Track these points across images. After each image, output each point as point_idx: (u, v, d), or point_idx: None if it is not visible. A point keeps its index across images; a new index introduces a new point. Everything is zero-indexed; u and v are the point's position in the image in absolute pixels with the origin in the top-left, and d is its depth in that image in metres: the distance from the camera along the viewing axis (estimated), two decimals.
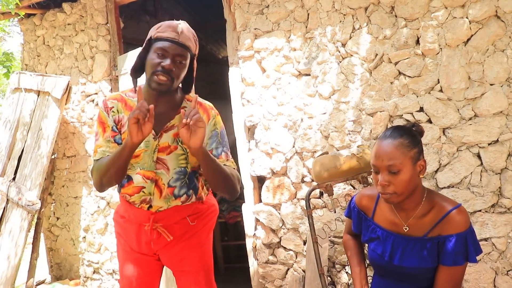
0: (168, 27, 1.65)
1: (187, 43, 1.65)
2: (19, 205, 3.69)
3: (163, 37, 1.63)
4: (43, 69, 4.25)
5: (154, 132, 1.71)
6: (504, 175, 2.33)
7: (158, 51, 1.62)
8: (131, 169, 1.74)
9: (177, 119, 1.73)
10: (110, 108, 1.76)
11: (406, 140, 1.49)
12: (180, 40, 1.63)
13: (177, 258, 1.84)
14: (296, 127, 2.93)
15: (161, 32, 1.64)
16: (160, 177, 1.74)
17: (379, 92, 2.62)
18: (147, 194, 1.75)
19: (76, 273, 4.23)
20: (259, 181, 3.20)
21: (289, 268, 3.06)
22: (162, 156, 1.73)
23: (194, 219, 1.84)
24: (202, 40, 6.22)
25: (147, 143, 1.71)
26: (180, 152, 1.75)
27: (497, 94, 2.30)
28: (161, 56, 1.62)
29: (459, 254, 1.47)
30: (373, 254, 1.66)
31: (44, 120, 3.84)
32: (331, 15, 2.75)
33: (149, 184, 1.74)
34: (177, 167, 1.75)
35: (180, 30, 1.64)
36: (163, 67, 1.60)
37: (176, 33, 1.63)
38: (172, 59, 1.62)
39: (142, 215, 1.78)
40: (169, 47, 1.62)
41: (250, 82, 3.09)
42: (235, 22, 3.15)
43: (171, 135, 1.73)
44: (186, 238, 1.83)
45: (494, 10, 2.27)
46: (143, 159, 1.73)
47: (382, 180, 1.49)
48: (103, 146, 1.74)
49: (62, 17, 4.04)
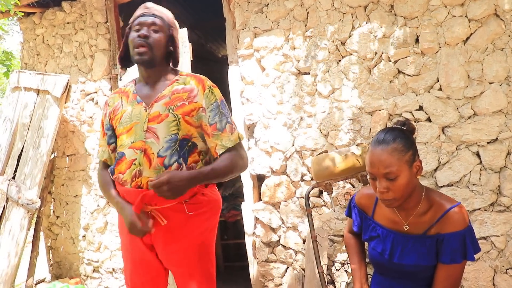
0: (140, 8, 1.84)
1: (157, 12, 1.81)
2: (18, 204, 3.69)
3: (136, 16, 1.81)
4: (42, 67, 4.25)
5: (145, 104, 1.77)
6: (503, 173, 2.33)
7: (135, 27, 1.78)
8: (123, 145, 1.78)
9: (168, 89, 1.79)
10: (108, 104, 1.91)
11: (399, 145, 1.48)
12: (151, 11, 1.81)
13: (175, 257, 1.76)
14: (296, 126, 2.93)
15: (135, 15, 1.82)
16: (149, 146, 1.71)
17: (378, 90, 2.62)
18: (138, 166, 1.71)
19: (76, 272, 4.23)
20: (258, 179, 3.21)
21: (288, 266, 3.06)
22: (152, 125, 1.73)
23: (191, 209, 1.73)
24: (201, 38, 6.23)
25: (138, 116, 1.76)
26: (171, 119, 1.72)
27: (496, 92, 2.30)
28: (137, 30, 1.76)
29: (458, 252, 1.48)
30: (373, 252, 1.67)
31: (43, 119, 3.84)
32: (330, 14, 2.75)
33: (138, 154, 1.72)
34: (168, 135, 1.72)
35: (150, 5, 1.83)
36: (139, 36, 1.74)
37: (146, 8, 1.82)
38: (147, 28, 1.76)
39: (134, 195, 1.70)
40: (141, 19, 1.78)
41: (250, 80, 3.09)
42: (234, 20, 3.15)
43: (161, 104, 1.75)
44: (184, 234, 1.74)
45: (493, 8, 2.27)
46: (134, 132, 1.75)
47: (381, 187, 1.49)
48: (102, 146, 1.93)
49: (61, 16, 4.04)
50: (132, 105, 1.80)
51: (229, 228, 4.65)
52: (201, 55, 5.92)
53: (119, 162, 1.78)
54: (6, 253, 3.65)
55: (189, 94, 1.77)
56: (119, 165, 1.78)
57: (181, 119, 1.73)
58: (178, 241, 1.75)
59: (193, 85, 1.79)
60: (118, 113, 1.83)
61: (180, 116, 1.73)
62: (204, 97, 1.77)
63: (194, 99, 1.76)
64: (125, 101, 1.84)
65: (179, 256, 1.76)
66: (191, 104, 1.75)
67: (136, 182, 1.72)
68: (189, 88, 1.78)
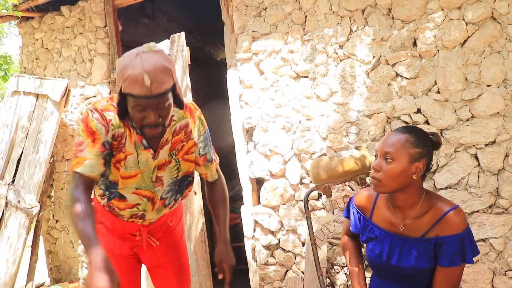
0: (135, 82, 1.40)
1: (161, 89, 1.44)
2: (18, 208, 3.69)
3: (134, 94, 1.43)
4: (41, 72, 4.25)
5: (153, 152, 1.65)
6: (501, 175, 2.34)
7: (137, 108, 1.47)
8: (125, 189, 1.67)
9: (168, 132, 1.66)
10: (109, 122, 1.58)
11: (412, 138, 1.51)
12: (154, 92, 1.42)
13: (157, 256, 1.89)
14: (294, 129, 2.94)
15: (129, 89, 1.43)
16: (156, 194, 1.74)
17: (376, 93, 2.63)
18: (141, 210, 1.74)
19: (76, 276, 4.23)
20: (257, 183, 3.21)
21: (288, 269, 3.06)
22: (160, 174, 1.71)
23: (172, 220, 1.92)
24: (200, 42, 6.24)
25: (145, 164, 1.65)
26: (173, 164, 1.72)
27: (494, 95, 2.31)
28: (142, 111, 1.47)
29: (456, 255, 1.48)
30: (371, 254, 1.67)
31: (43, 123, 3.84)
32: (328, 17, 2.76)
33: (145, 201, 1.73)
34: (170, 179, 1.75)
35: (148, 83, 1.40)
36: (148, 123, 1.50)
37: (146, 87, 1.40)
38: (154, 112, 1.48)
39: (131, 227, 1.80)
40: (146, 103, 1.45)
41: (248, 84, 3.10)
42: (233, 24, 3.16)
43: (166, 151, 1.68)
44: (166, 236, 1.90)
45: (490, 11, 2.29)
46: (140, 180, 1.67)
47: (375, 163, 1.54)
48: (92, 159, 1.54)
49: (60, 20, 4.05)
50: (138, 149, 1.64)
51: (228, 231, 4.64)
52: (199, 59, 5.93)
53: (117, 200, 1.71)
54: (5, 258, 3.64)
55: (186, 131, 1.72)
56: (116, 201, 1.72)
57: (180, 161, 1.74)
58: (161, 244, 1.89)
59: (187, 120, 1.71)
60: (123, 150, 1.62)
61: (180, 159, 1.74)
62: (195, 129, 1.74)
63: (190, 136, 1.73)
64: (127, 138, 1.63)
65: (161, 254, 1.90)
66: (188, 143, 1.73)
67: (137, 220, 1.79)
68: (184, 124, 1.71)
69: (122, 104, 1.52)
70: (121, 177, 1.64)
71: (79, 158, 1.55)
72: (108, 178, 1.66)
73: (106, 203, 1.73)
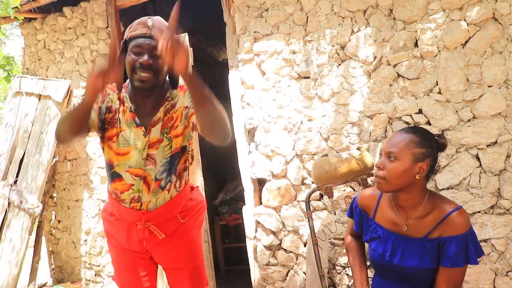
0: (139, 24, 1.63)
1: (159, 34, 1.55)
2: (20, 208, 3.70)
3: (135, 35, 1.61)
4: (44, 73, 4.27)
5: (144, 129, 1.70)
6: (502, 176, 2.34)
7: (134, 49, 1.61)
8: (120, 166, 1.73)
9: (161, 111, 1.72)
10: (107, 94, 1.75)
11: (416, 138, 1.52)
12: (153, 33, 1.60)
13: (169, 256, 1.86)
14: (296, 130, 2.95)
15: (133, 31, 1.63)
16: (148, 173, 1.74)
17: (378, 94, 2.64)
18: (136, 191, 1.74)
19: (78, 276, 4.24)
20: (259, 183, 3.22)
21: (289, 270, 3.07)
22: (151, 152, 1.72)
23: (184, 216, 1.85)
24: (202, 42, 6.24)
25: (136, 141, 1.70)
26: (166, 143, 1.74)
27: (495, 95, 2.31)
28: (138, 54, 1.60)
29: (460, 255, 1.48)
30: (374, 253, 1.67)
31: (45, 124, 3.86)
32: (330, 18, 2.77)
33: (137, 181, 1.73)
34: (163, 158, 1.74)
35: (150, 24, 1.62)
36: (141, 63, 1.59)
37: (147, 28, 1.61)
38: (149, 54, 1.60)
39: (134, 214, 1.78)
40: (143, 42, 1.60)
41: (250, 85, 3.10)
42: (234, 25, 3.17)
43: (158, 129, 1.72)
44: (177, 236, 1.85)
45: (491, 12, 2.29)
46: (132, 157, 1.71)
47: (379, 162, 1.56)
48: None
49: (62, 21, 4.06)
50: (130, 127, 1.72)
51: (230, 232, 4.65)
52: (201, 59, 5.94)
53: (115, 180, 1.76)
54: (7, 258, 3.66)
55: (175, 107, 1.76)
56: (115, 182, 1.77)
57: (172, 139, 1.75)
58: (173, 242, 1.85)
59: (178, 97, 1.77)
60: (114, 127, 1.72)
61: (172, 137, 1.75)
62: (185, 97, 1.76)
63: (177, 106, 1.76)
64: (121, 114, 1.73)
65: (174, 254, 1.86)
66: (177, 112, 1.75)
67: (135, 205, 1.77)
68: (176, 101, 1.77)
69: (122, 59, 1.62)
70: (115, 154, 1.72)
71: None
72: (105, 159, 1.77)
73: (111, 188, 1.79)
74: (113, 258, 1.94)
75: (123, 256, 1.88)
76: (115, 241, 1.88)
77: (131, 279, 1.89)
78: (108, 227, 1.91)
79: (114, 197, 1.80)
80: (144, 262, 1.89)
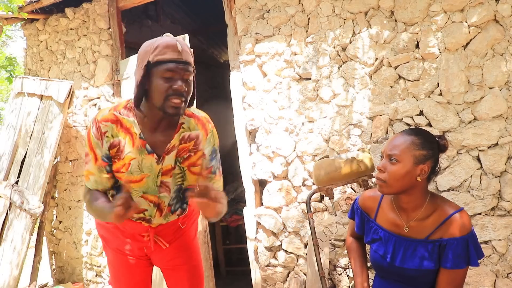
0: (167, 47, 1.51)
1: (190, 59, 1.55)
2: (22, 208, 3.71)
3: (165, 59, 1.50)
4: (46, 73, 4.28)
5: (157, 156, 1.64)
6: (503, 178, 2.34)
7: (165, 74, 1.50)
8: (133, 193, 1.69)
9: (176, 139, 1.66)
10: (104, 133, 1.62)
11: (418, 140, 1.52)
12: (184, 58, 1.52)
13: (168, 257, 1.88)
14: (297, 131, 2.95)
15: (161, 55, 1.51)
16: (162, 201, 1.74)
17: (379, 96, 2.64)
18: (148, 216, 1.76)
19: (79, 277, 4.24)
20: (260, 184, 3.22)
21: (290, 271, 3.07)
22: (165, 180, 1.69)
23: (184, 223, 1.88)
24: (203, 44, 6.26)
25: (150, 168, 1.65)
26: (177, 171, 1.71)
27: (496, 97, 2.31)
28: (169, 80, 1.51)
29: (461, 257, 1.48)
30: (375, 255, 1.67)
31: (47, 125, 3.86)
32: (331, 20, 2.77)
33: (151, 207, 1.74)
34: (175, 186, 1.75)
35: (180, 48, 1.52)
36: (175, 90, 1.51)
37: (178, 52, 1.52)
38: (182, 79, 1.53)
39: (139, 228, 1.79)
40: (176, 68, 1.51)
41: (251, 86, 3.11)
42: (236, 26, 3.17)
43: (172, 157, 1.67)
44: (176, 238, 1.87)
45: (493, 14, 2.29)
46: (146, 184, 1.68)
47: (380, 164, 1.56)
48: (95, 175, 1.66)
49: (64, 22, 4.08)
50: (141, 154, 1.63)
51: (231, 233, 4.66)
52: (203, 61, 5.95)
53: None
54: (9, 258, 3.66)
55: (195, 143, 1.71)
56: None
57: (186, 171, 1.72)
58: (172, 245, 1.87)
59: (197, 132, 1.71)
60: (123, 157, 1.63)
61: (186, 168, 1.72)
62: (206, 141, 1.72)
63: (199, 147, 1.71)
64: (129, 142, 1.63)
65: (173, 255, 1.88)
66: (196, 155, 1.71)
67: (143, 223, 1.78)
68: (194, 135, 1.70)
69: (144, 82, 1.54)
70: (127, 182, 1.65)
71: (87, 171, 1.68)
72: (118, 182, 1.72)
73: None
74: (110, 262, 1.93)
75: (120, 259, 1.88)
76: (114, 245, 1.88)
77: (129, 283, 1.89)
78: (104, 232, 1.88)
79: None
80: (142, 264, 1.89)
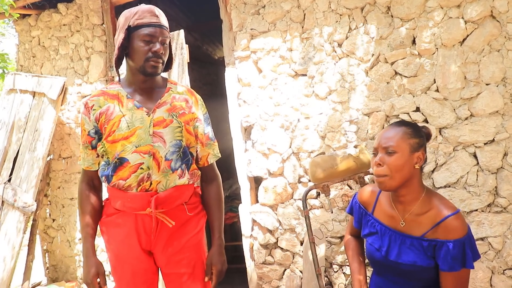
0: (147, 12, 1.68)
1: (167, 24, 1.72)
2: (14, 207, 3.67)
3: (145, 23, 1.66)
4: (38, 70, 4.23)
5: (147, 109, 1.73)
6: (500, 174, 2.34)
7: (145, 37, 1.65)
8: (125, 150, 1.71)
9: (166, 96, 1.78)
10: (91, 107, 1.77)
11: (409, 130, 1.56)
12: (162, 23, 1.69)
13: (176, 258, 1.80)
14: (293, 128, 2.93)
15: (140, 19, 1.67)
16: (157, 150, 1.72)
17: (375, 92, 2.63)
18: (146, 169, 1.72)
19: (72, 275, 4.21)
20: (255, 181, 3.20)
21: (286, 268, 3.06)
22: (158, 130, 1.73)
23: (191, 210, 1.84)
24: (198, 40, 6.22)
25: (141, 120, 1.72)
26: (176, 125, 1.75)
27: (493, 94, 2.30)
28: (149, 42, 1.66)
29: (456, 260, 1.47)
30: (370, 248, 1.68)
31: (39, 121, 3.82)
32: (327, 15, 2.75)
33: (147, 158, 1.71)
34: (173, 139, 1.75)
35: (158, 13, 1.69)
36: (154, 52, 1.66)
37: (156, 17, 1.68)
38: (160, 42, 1.67)
39: (141, 199, 1.73)
40: (155, 32, 1.66)
41: (247, 82, 3.08)
42: (231, 22, 3.15)
43: (164, 110, 1.74)
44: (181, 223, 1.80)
45: (489, 10, 2.28)
46: (138, 137, 1.71)
47: (377, 159, 1.56)
48: (82, 153, 1.83)
49: (57, 18, 4.03)
50: (131, 110, 1.73)
51: (226, 230, 4.64)
52: (197, 57, 5.92)
53: (120, 168, 1.73)
54: (1, 257, 3.62)
55: (187, 104, 1.81)
56: (119, 171, 1.74)
57: (183, 127, 1.77)
58: (178, 242, 1.80)
59: (186, 96, 1.84)
60: (113, 117, 1.73)
61: (183, 123, 1.77)
62: (199, 108, 1.85)
63: (191, 110, 1.81)
64: (118, 105, 1.75)
65: (180, 256, 1.81)
66: (189, 114, 1.80)
67: (144, 186, 1.73)
68: (184, 98, 1.83)
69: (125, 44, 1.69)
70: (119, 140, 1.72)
71: (80, 151, 1.85)
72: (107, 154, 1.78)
73: (112, 182, 1.76)
74: (114, 269, 1.88)
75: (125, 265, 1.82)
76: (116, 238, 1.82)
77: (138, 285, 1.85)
78: (109, 230, 1.84)
79: (118, 189, 1.76)
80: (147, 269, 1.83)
